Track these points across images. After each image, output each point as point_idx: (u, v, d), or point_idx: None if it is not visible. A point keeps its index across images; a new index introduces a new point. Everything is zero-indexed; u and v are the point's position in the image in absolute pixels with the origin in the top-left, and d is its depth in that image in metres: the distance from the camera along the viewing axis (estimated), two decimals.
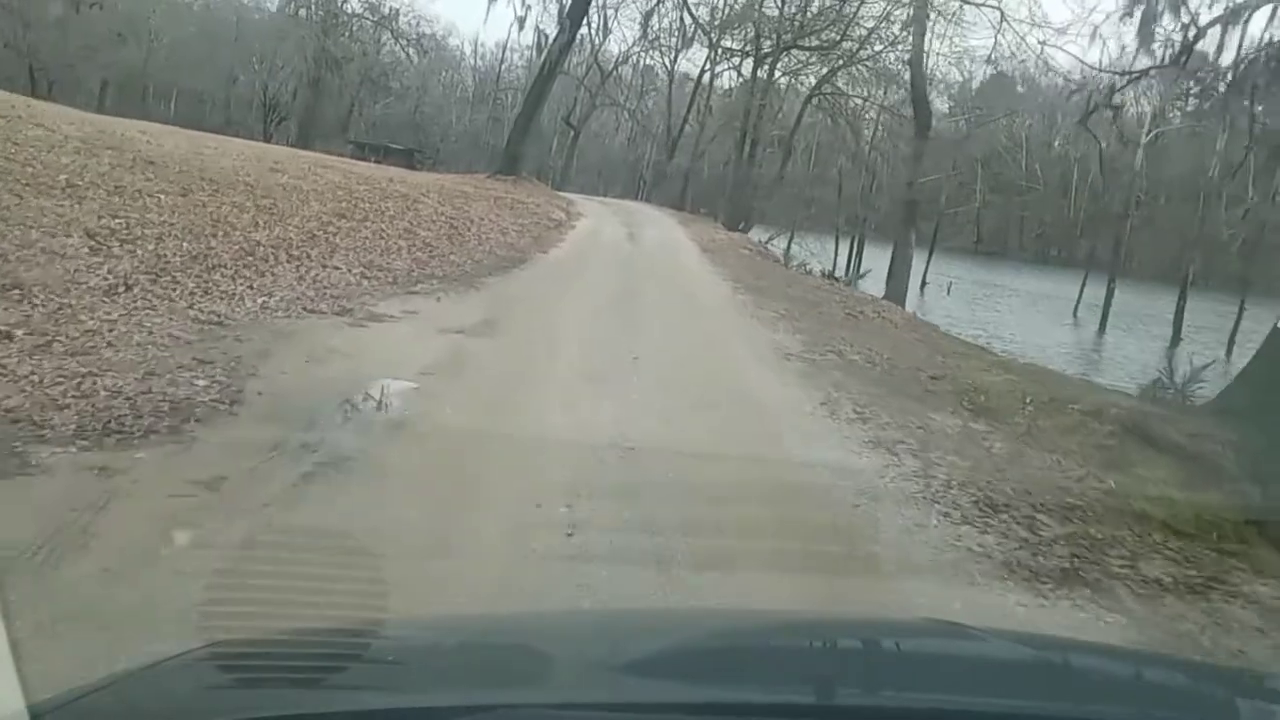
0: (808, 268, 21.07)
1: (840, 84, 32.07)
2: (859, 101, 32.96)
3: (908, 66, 25.20)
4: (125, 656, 2.03)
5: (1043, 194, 51.38)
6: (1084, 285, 39.19)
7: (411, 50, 58.36)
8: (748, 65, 35.33)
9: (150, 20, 48.58)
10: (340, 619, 1.86)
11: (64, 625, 2.72)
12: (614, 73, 45.22)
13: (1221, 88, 14.25)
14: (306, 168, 18.15)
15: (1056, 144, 50.69)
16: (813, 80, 32.63)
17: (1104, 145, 30.63)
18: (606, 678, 1.28)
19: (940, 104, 36.69)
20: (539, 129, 44.50)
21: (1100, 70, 18.85)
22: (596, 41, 41.40)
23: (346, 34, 58.40)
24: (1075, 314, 37.45)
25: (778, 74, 32.59)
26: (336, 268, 10.63)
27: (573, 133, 46.00)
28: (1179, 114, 29.31)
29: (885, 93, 32.49)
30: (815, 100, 33.00)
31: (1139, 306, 36.15)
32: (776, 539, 4.18)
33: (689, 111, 40.07)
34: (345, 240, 12.34)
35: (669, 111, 41.36)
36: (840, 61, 30.45)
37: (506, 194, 25.31)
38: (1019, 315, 36.29)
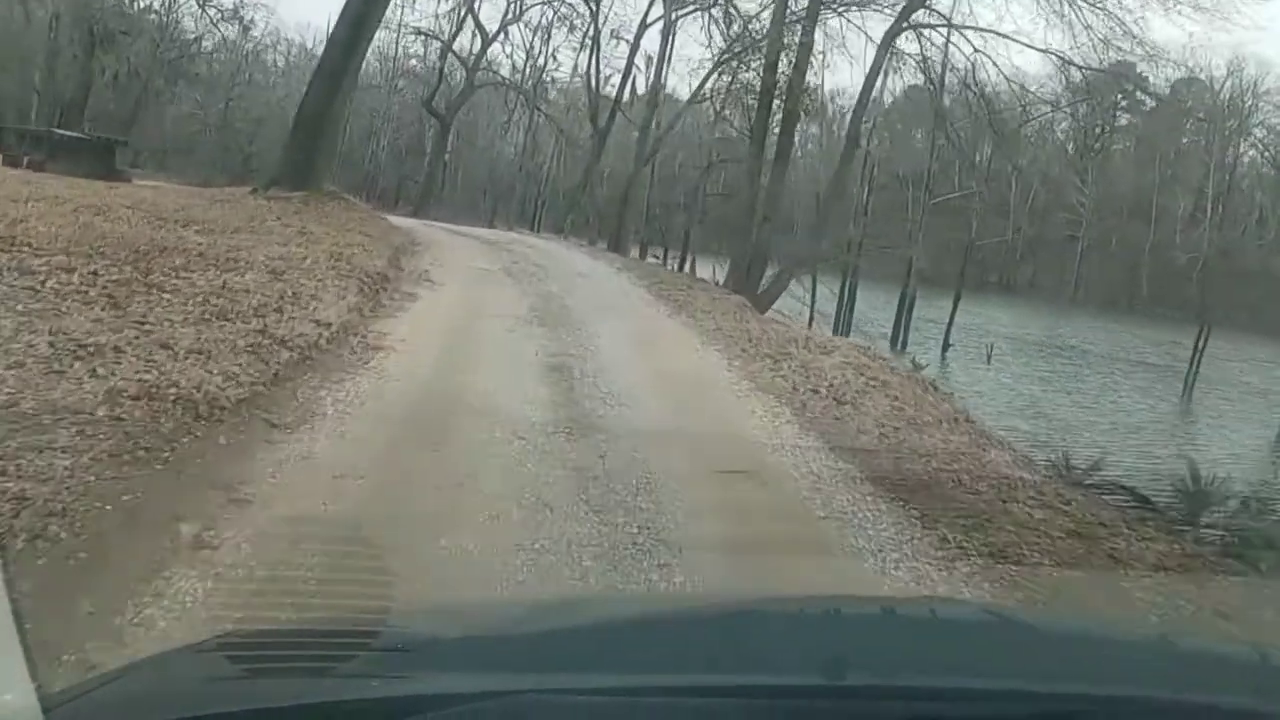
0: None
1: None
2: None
3: None
4: None
5: (980, 215, 48.98)
6: (1202, 347, 28.53)
7: (219, 19, 42.38)
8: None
9: None
10: (349, 608, 1.88)
11: None
12: (500, 34, 29.47)
13: None
14: None
15: (979, 159, 48.61)
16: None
17: None
18: (615, 662, 1.27)
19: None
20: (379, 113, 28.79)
21: None
22: None
23: None
24: (1189, 391, 27.60)
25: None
26: None
27: (441, 126, 30.03)
28: None
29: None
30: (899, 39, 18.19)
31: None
32: None
33: (623, 86, 24.75)
34: None
35: (593, 88, 25.77)
36: None
37: (213, 244, 9.76)
38: (1124, 400, 25.06)
